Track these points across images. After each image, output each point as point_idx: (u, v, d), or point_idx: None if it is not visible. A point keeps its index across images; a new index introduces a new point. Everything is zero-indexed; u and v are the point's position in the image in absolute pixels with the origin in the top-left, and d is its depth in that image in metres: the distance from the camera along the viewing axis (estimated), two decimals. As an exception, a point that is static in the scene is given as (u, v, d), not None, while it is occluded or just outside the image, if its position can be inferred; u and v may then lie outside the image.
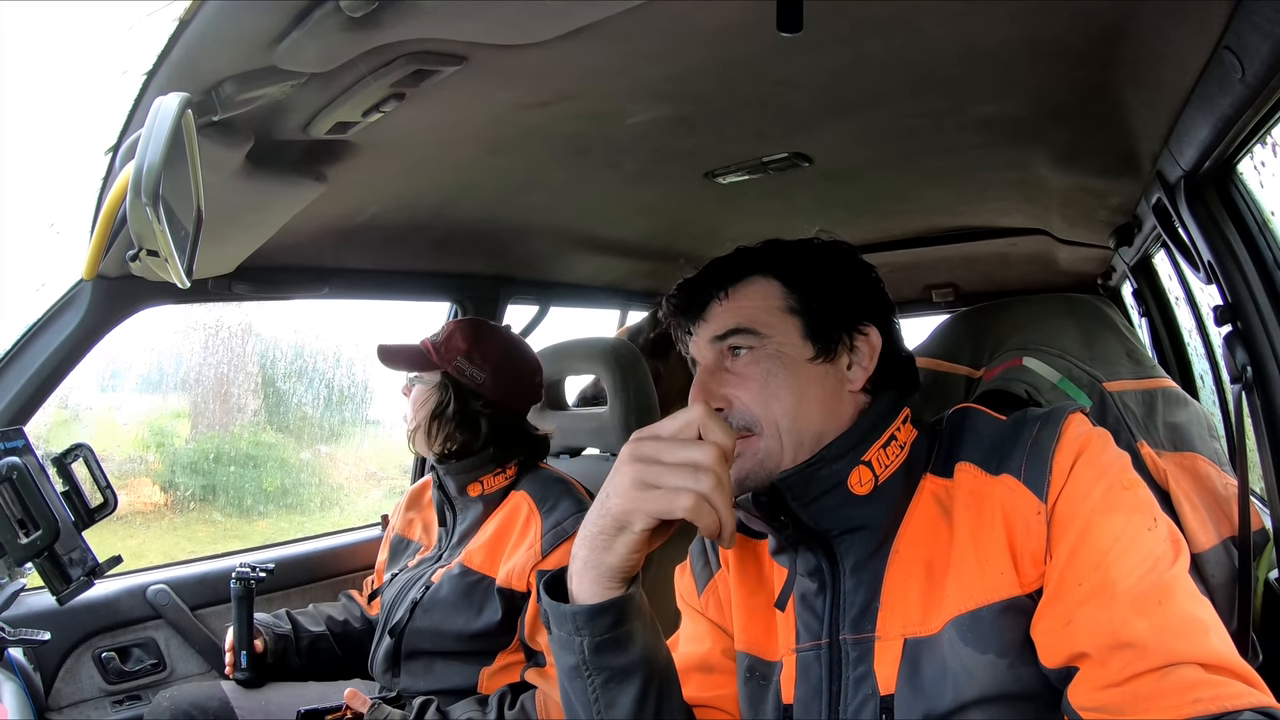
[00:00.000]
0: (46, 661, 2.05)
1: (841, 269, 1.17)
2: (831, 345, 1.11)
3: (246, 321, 3.60)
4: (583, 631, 0.99)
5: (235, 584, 1.98)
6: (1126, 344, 1.62)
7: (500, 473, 2.00)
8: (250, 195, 1.48)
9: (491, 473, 2.00)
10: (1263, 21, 0.98)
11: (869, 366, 1.12)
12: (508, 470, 2.02)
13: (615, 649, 1.00)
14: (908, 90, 1.47)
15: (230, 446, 3.96)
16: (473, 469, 2.00)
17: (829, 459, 1.05)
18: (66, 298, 1.90)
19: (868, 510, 1.06)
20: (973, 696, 0.95)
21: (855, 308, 1.14)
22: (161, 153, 0.84)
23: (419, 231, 2.23)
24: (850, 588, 1.07)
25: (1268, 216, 1.47)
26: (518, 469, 2.03)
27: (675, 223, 2.50)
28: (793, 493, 1.04)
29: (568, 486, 1.96)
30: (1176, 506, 1.41)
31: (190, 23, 0.98)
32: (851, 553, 1.07)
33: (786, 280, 1.14)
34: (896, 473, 1.08)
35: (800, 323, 1.11)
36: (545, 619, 1.04)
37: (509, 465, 2.02)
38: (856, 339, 1.12)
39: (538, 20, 1.06)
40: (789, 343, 1.10)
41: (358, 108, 1.26)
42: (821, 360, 1.10)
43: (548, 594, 1.03)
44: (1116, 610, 0.88)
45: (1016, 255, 3.04)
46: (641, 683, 1.01)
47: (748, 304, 1.13)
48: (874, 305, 1.16)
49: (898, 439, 1.09)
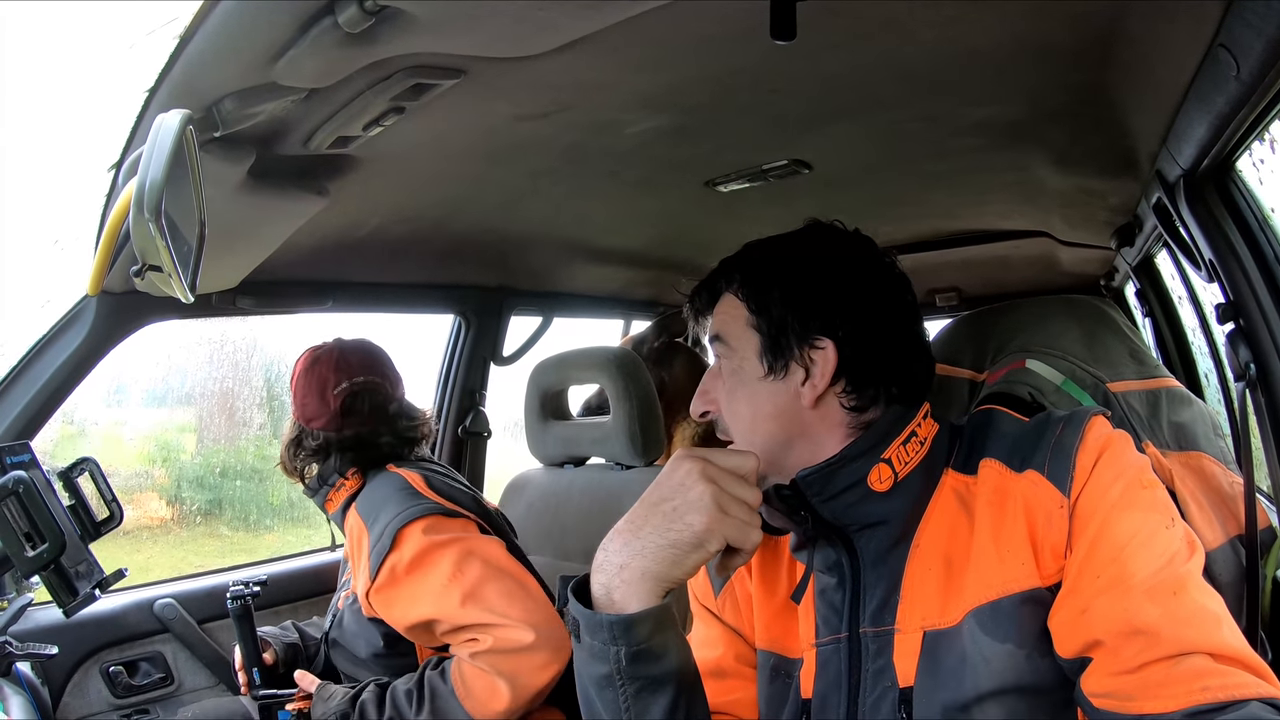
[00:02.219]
0: (54, 676, 2.05)
1: (802, 275, 1.12)
2: (781, 364, 1.08)
3: (251, 335, 3.61)
4: (619, 641, 0.97)
5: (233, 603, 1.93)
6: (1129, 344, 1.62)
7: (339, 486, 1.99)
8: (253, 210, 1.49)
9: (333, 486, 1.99)
10: (1255, 18, 0.98)
11: (820, 383, 1.07)
12: (346, 483, 1.99)
13: (651, 659, 0.98)
14: (904, 95, 1.47)
15: (236, 460, 3.97)
16: (314, 490, 2.01)
17: (849, 458, 1.05)
18: (72, 313, 1.91)
19: (888, 505, 1.06)
20: (991, 687, 0.95)
21: (808, 321, 1.08)
22: (164, 169, 0.84)
23: (421, 244, 2.24)
24: (870, 581, 1.07)
25: (1267, 213, 1.47)
26: (361, 478, 1.99)
27: (676, 232, 2.50)
28: (812, 490, 1.05)
29: (391, 489, 1.91)
30: (1183, 506, 1.41)
31: (190, 40, 0.99)
32: (872, 547, 1.07)
33: (747, 293, 1.13)
34: (917, 468, 1.07)
35: (758, 339, 1.10)
36: (574, 627, 1.02)
37: (345, 476, 1.99)
38: (811, 353, 1.08)
39: (534, 33, 1.07)
40: (747, 359, 1.11)
41: (358, 122, 1.27)
42: (772, 378, 1.09)
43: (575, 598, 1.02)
44: (1132, 599, 0.89)
45: (1018, 258, 3.04)
46: (674, 692, 1.00)
47: (722, 314, 1.14)
48: (841, 314, 1.09)
49: (918, 434, 1.08)
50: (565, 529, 2.33)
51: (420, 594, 1.74)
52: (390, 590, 1.77)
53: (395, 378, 2.06)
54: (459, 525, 1.84)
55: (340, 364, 1.97)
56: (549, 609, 1.75)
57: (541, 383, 2.38)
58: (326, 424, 1.96)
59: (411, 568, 1.75)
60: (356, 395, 1.96)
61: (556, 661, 1.68)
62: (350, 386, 1.96)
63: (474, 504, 1.96)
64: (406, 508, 1.81)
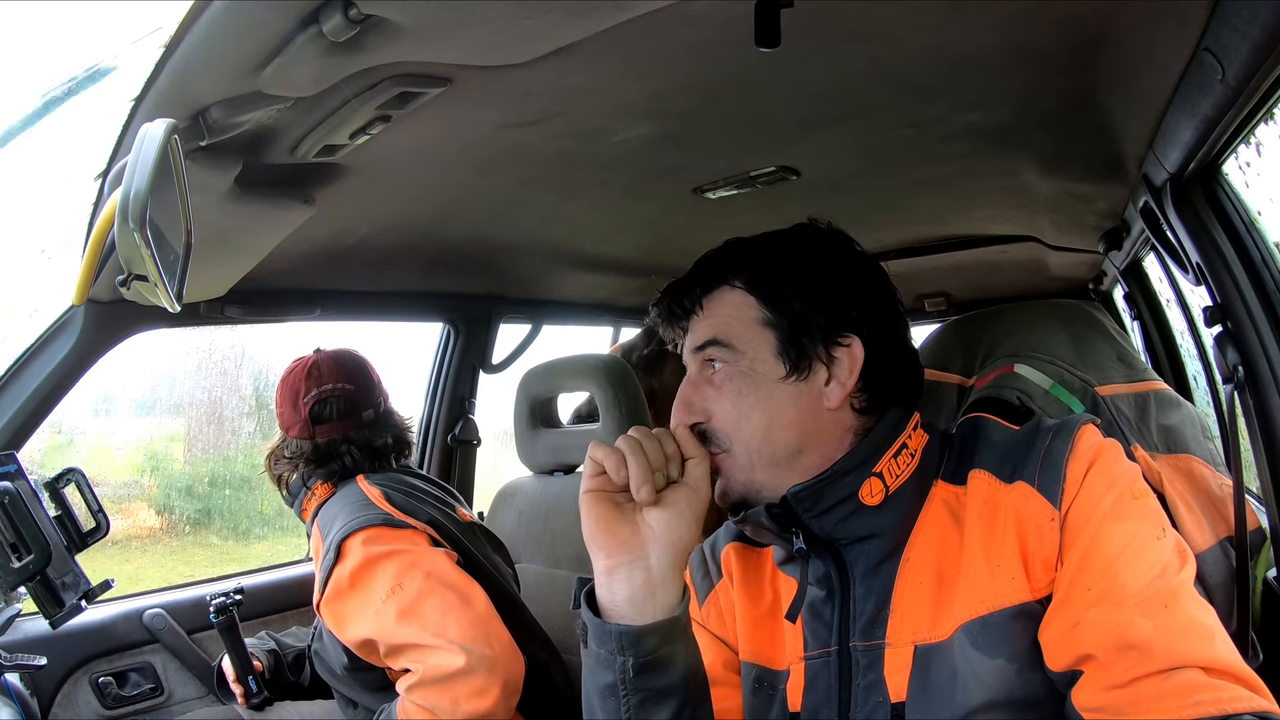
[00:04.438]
0: (43, 687, 2.04)
1: (820, 271, 1.10)
2: (805, 363, 1.05)
3: (240, 344, 3.60)
4: (627, 651, 0.97)
5: (218, 616, 1.94)
6: (1117, 348, 1.62)
7: (310, 496, 1.99)
8: (240, 219, 1.49)
9: (305, 496, 1.99)
10: (1240, 22, 0.99)
11: (847, 382, 1.06)
12: (317, 493, 1.98)
13: (657, 670, 0.98)
14: (891, 101, 1.47)
15: (226, 469, 3.94)
16: (291, 498, 2.01)
17: (840, 473, 1.04)
18: (59, 323, 1.91)
19: (879, 519, 1.05)
20: (981, 701, 0.95)
21: (834, 319, 1.07)
22: (149, 178, 0.84)
23: (409, 252, 2.24)
24: (860, 595, 1.06)
25: (1254, 216, 1.47)
26: (331, 488, 1.99)
27: (665, 238, 2.51)
28: (803, 506, 1.03)
29: (345, 501, 1.91)
30: (1172, 509, 1.41)
31: (176, 49, 0.99)
32: (862, 560, 1.06)
33: (759, 290, 1.09)
34: (908, 481, 1.06)
35: (774, 337, 1.06)
36: (581, 633, 1.02)
37: (312, 486, 1.99)
38: (835, 351, 1.06)
39: (520, 41, 1.07)
40: (761, 359, 1.06)
41: (345, 130, 1.27)
42: (794, 379, 1.05)
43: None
44: (1123, 613, 0.88)
45: (1007, 262, 3.05)
46: (678, 704, 1.00)
47: (721, 315, 1.10)
48: (860, 311, 1.08)
49: (909, 447, 1.07)
50: (555, 536, 2.32)
51: (362, 609, 1.72)
52: (337, 604, 1.76)
53: (369, 385, 2.04)
54: (406, 537, 1.82)
55: (312, 372, 1.97)
56: (489, 626, 1.72)
57: (531, 390, 2.38)
58: (299, 432, 1.97)
59: (354, 581, 1.74)
60: (324, 403, 1.96)
61: (494, 684, 1.65)
62: (319, 394, 1.95)
63: (437, 516, 1.94)
64: (352, 518, 1.81)
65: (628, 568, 0.99)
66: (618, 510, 1.01)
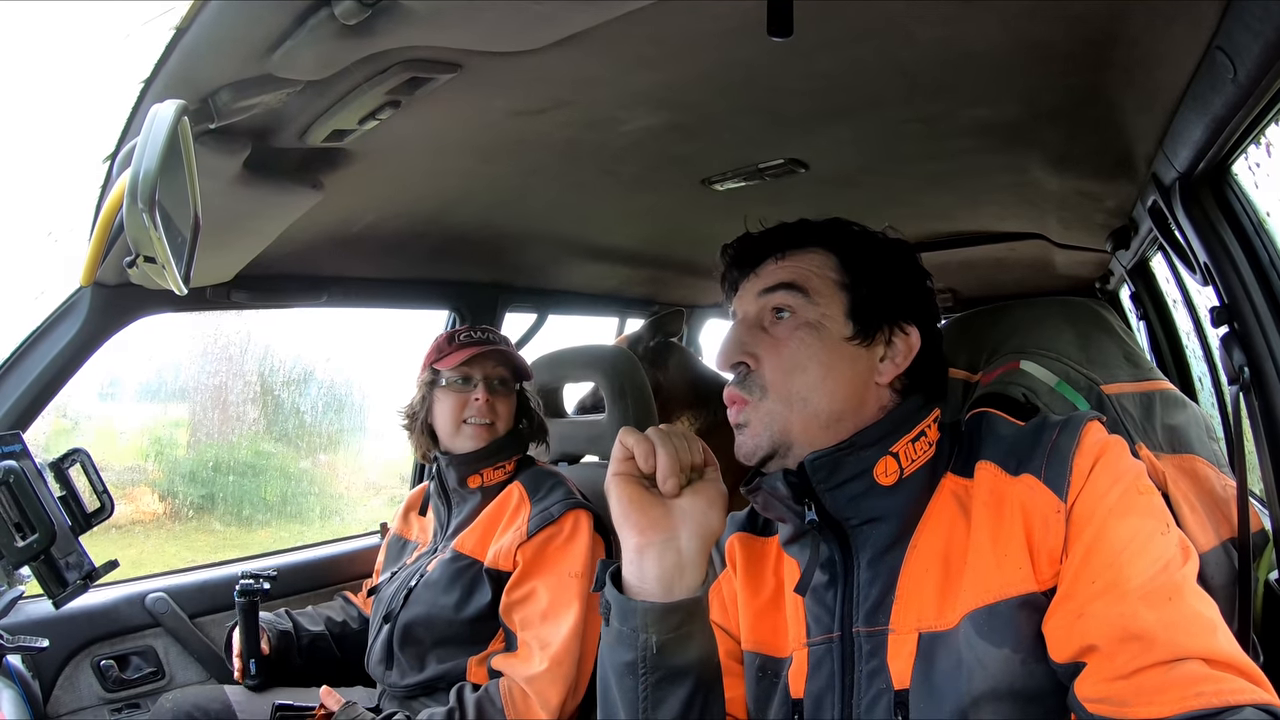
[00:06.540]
0: (45, 669, 2.05)
1: (898, 264, 1.17)
2: (871, 331, 1.10)
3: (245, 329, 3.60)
4: (651, 629, 0.99)
5: (241, 598, 2.00)
6: (1124, 347, 1.62)
7: (501, 467, 2.08)
8: (248, 203, 1.49)
9: (493, 465, 2.07)
10: (1253, 21, 0.99)
11: (900, 364, 1.10)
12: (507, 465, 2.09)
13: (677, 649, 1.00)
14: (901, 95, 1.47)
15: (230, 455, 3.95)
16: (479, 460, 2.06)
17: (859, 445, 1.06)
18: (65, 305, 1.91)
19: (889, 502, 1.06)
20: (985, 690, 0.95)
21: (902, 304, 1.13)
22: (158, 160, 0.84)
23: (416, 239, 2.24)
24: (866, 580, 1.07)
25: (1263, 217, 1.47)
26: (516, 464, 2.11)
27: (672, 230, 2.51)
28: (818, 475, 1.05)
29: (559, 480, 2.04)
30: (1175, 509, 1.41)
31: (186, 31, 0.99)
32: (868, 545, 1.08)
33: (844, 256, 1.14)
34: (921, 468, 1.08)
35: (847, 299, 1.11)
36: (605, 610, 1.04)
37: (509, 460, 2.10)
38: (896, 334, 1.11)
39: (530, 27, 1.06)
40: (831, 315, 1.10)
41: (354, 115, 1.27)
42: (858, 343, 1.10)
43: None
44: (1127, 605, 0.89)
45: (1014, 260, 3.04)
46: (693, 684, 1.01)
47: (802, 266, 1.13)
48: (921, 309, 1.15)
49: (927, 436, 1.09)
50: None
51: (550, 569, 1.88)
52: (542, 549, 1.90)
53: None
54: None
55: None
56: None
57: (536, 380, 2.38)
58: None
59: (565, 544, 1.91)
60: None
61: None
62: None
63: None
64: (572, 497, 1.98)
65: (660, 547, 1.01)
66: (647, 493, 1.04)
